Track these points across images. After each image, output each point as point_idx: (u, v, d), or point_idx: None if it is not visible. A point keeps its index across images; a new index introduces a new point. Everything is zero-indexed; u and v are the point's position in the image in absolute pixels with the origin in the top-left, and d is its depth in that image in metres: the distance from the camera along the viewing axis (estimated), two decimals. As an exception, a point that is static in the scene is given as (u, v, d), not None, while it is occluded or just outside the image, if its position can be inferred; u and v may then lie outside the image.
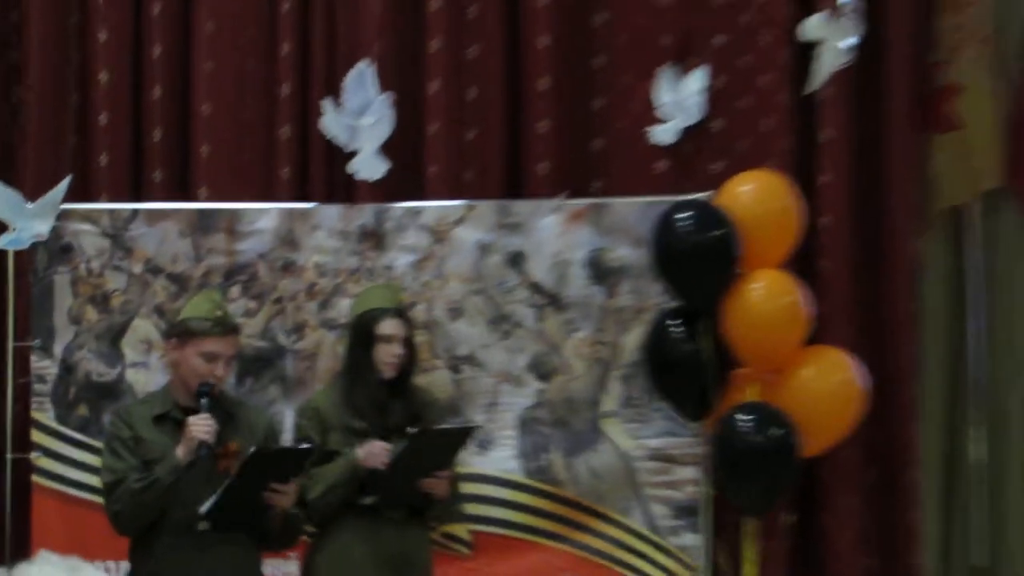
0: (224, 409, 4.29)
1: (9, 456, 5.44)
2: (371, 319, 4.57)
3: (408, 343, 4.59)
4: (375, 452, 4.41)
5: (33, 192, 5.32)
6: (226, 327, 4.32)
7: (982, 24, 5.97)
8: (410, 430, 4.49)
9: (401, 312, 4.66)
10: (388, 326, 4.54)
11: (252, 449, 4.16)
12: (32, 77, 5.79)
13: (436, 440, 4.55)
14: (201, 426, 4.15)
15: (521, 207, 5.45)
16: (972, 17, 5.98)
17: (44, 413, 5.36)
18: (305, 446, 4.40)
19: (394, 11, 5.73)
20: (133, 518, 4.24)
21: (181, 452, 4.16)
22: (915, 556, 5.77)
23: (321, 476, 4.43)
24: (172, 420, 4.27)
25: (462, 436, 4.66)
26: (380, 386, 4.54)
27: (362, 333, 4.57)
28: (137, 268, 5.40)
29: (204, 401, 4.20)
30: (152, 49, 5.78)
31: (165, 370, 4.70)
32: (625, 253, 5.33)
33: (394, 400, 4.56)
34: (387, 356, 4.53)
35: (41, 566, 4.01)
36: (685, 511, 5.31)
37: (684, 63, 5.71)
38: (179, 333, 4.31)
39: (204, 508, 4.16)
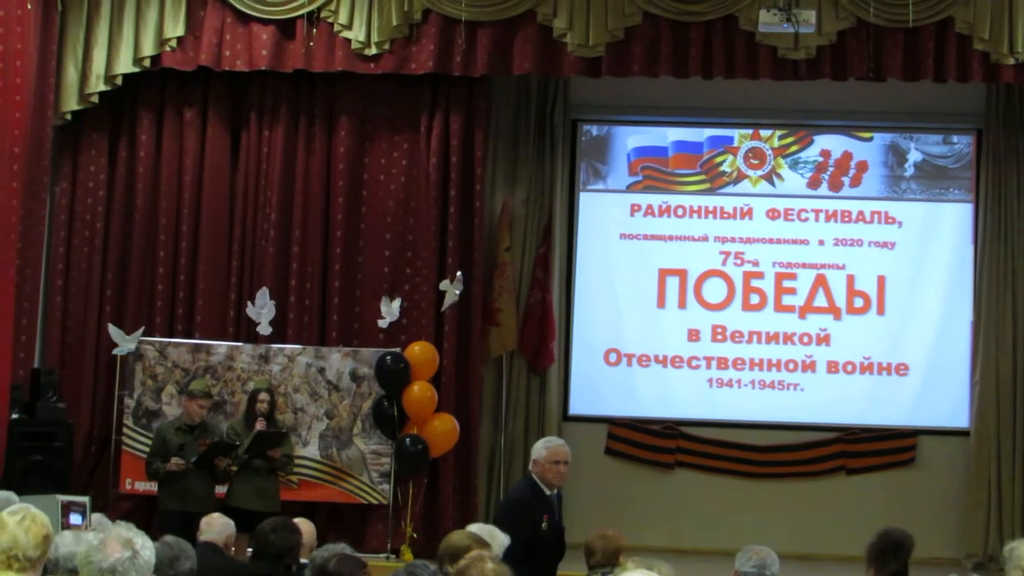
0: (204, 427, 11.23)
1: (114, 436, 12.77)
2: (256, 391, 11.78)
3: (272, 401, 11.87)
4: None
5: (130, 329, 12.79)
6: (207, 394, 11.52)
7: (512, 280, 14.12)
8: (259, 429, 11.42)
9: (270, 389, 12.07)
10: (264, 394, 11.66)
11: (255, 432, 11.40)
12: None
13: (272, 435, 11.40)
14: (173, 462, 10.90)
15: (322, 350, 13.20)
16: (506, 278, 13.99)
17: (129, 420, 12.71)
18: (280, 430, 11.65)
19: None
20: (151, 476, 11.35)
21: (170, 464, 10.93)
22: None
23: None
24: (181, 430, 11.11)
25: (283, 435, 11.79)
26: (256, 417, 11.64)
27: (251, 397, 11.74)
28: (169, 364, 12.89)
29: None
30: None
31: (179, 408, 11.99)
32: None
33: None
34: (262, 405, 11.77)
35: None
36: (385, 475, 12.95)
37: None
38: (187, 393, 11.53)
39: (192, 460, 10.95)
